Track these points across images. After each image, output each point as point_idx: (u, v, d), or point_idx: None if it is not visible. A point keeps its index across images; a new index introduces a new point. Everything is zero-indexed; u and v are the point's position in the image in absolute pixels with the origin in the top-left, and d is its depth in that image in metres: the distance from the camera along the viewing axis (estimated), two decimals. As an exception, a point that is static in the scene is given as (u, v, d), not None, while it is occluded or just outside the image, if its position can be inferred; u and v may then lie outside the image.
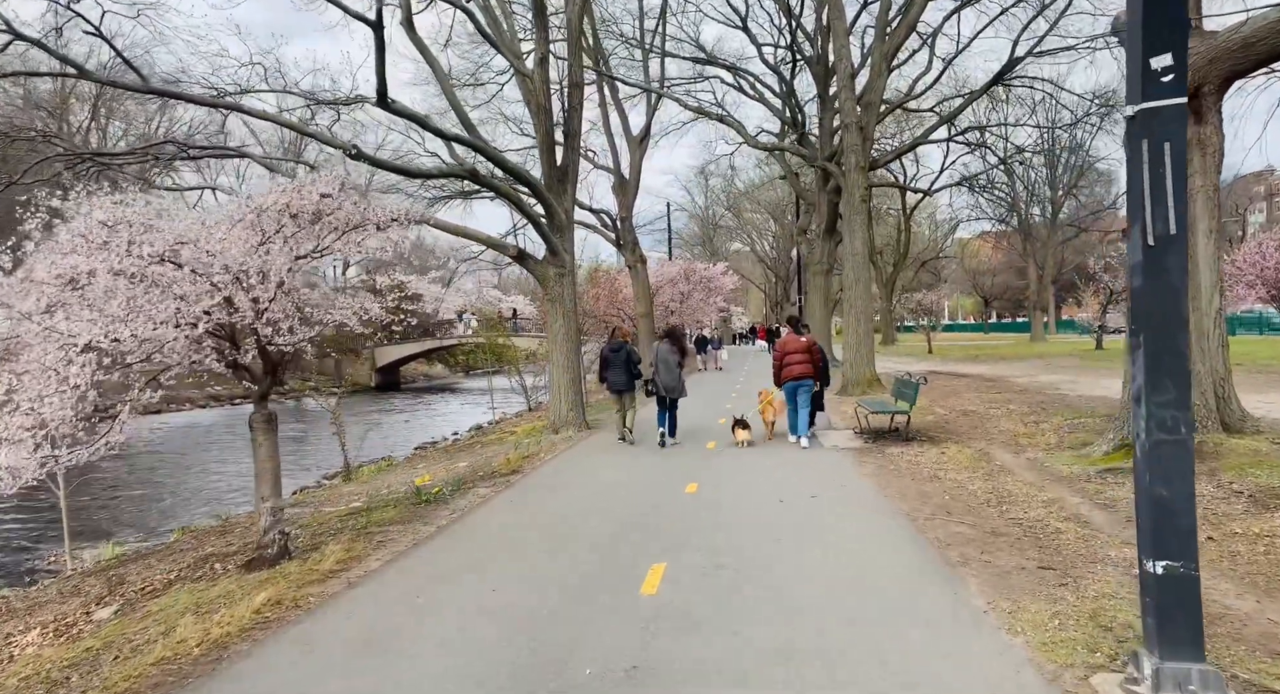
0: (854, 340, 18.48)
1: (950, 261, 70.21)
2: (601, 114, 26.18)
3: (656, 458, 10.55)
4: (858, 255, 18.52)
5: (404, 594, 5.15)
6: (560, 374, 14.15)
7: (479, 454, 13.34)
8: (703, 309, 36.72)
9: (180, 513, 14.60)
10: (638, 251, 25.57)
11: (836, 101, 29.01)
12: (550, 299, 14.05)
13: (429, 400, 44.32)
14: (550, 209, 13.70)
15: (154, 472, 20.68)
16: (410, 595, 5.11)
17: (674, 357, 11.39)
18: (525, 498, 8.23)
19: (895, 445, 10.60)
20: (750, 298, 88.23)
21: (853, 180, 18.44)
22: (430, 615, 4.70)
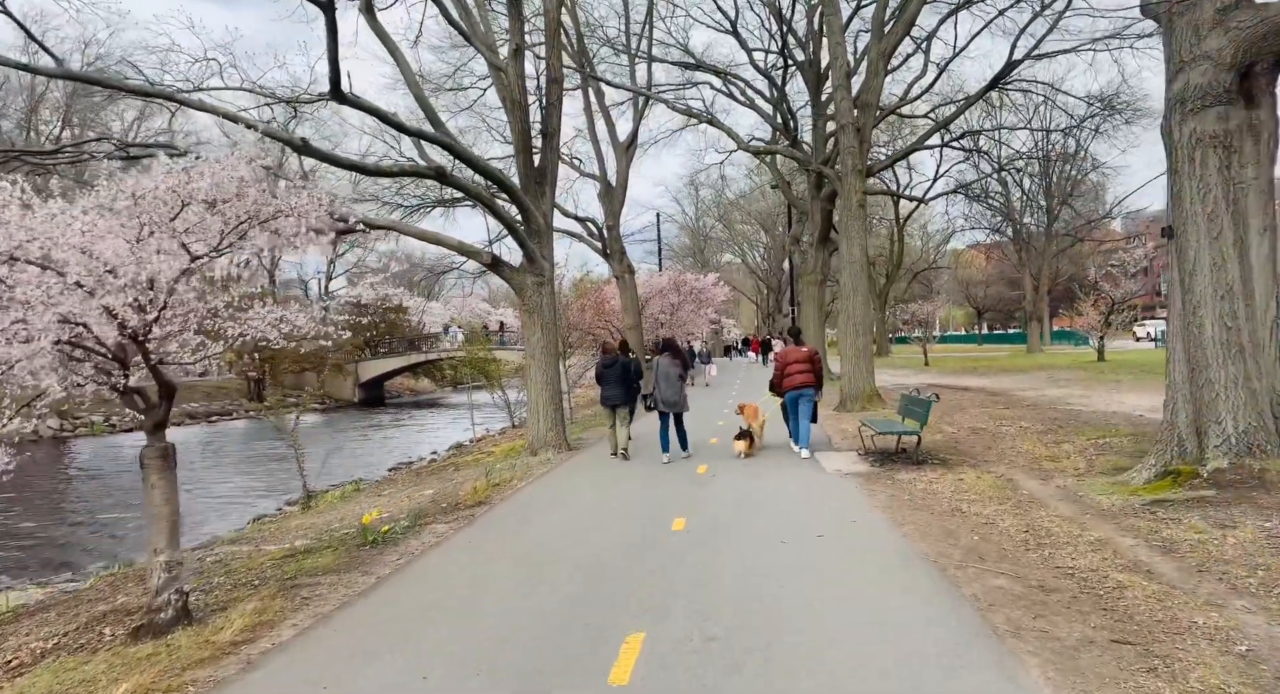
0: (851, 352, 17.48)
1: (942, 272, 69.57)
2: (587, 120, 25.26)
3: (641, 484, 9.49)
4: (855, 263, 17.55)
5: (309, 683, 4.06)
6: (539, 391, 13.07)
7: (449, 479, 12.24)
8: (693, 321, 35.71)
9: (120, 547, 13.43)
10: (625, 261, 24.58)
11: (831, 105, 28.25)
12: (528, 309, 13.00)
13: (413, 416, 43.11)
14: (527, 213, 12.68)
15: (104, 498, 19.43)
16: (316, 686, 4.01)
17: (675, 370, 11.12)
18: (486, 537, 7.14)
19: (906, 470, 9.56)
20: (742, 310, 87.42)
21: (849, 184, 17.49)
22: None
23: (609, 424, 11.87)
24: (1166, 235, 7.88)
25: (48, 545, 13.63)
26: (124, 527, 15.31)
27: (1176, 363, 7.75)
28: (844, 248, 17.80)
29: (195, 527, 14.34)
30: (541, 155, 13.22)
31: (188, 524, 14.83)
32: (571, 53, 23.57)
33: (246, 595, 5.75)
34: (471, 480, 10.95)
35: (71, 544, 13.74)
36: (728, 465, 10.59)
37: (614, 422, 11.64)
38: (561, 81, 13.60)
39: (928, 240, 63.59)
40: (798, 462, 10.70)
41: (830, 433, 13.83)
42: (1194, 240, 7.42)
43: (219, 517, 15.33)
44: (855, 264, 17.53)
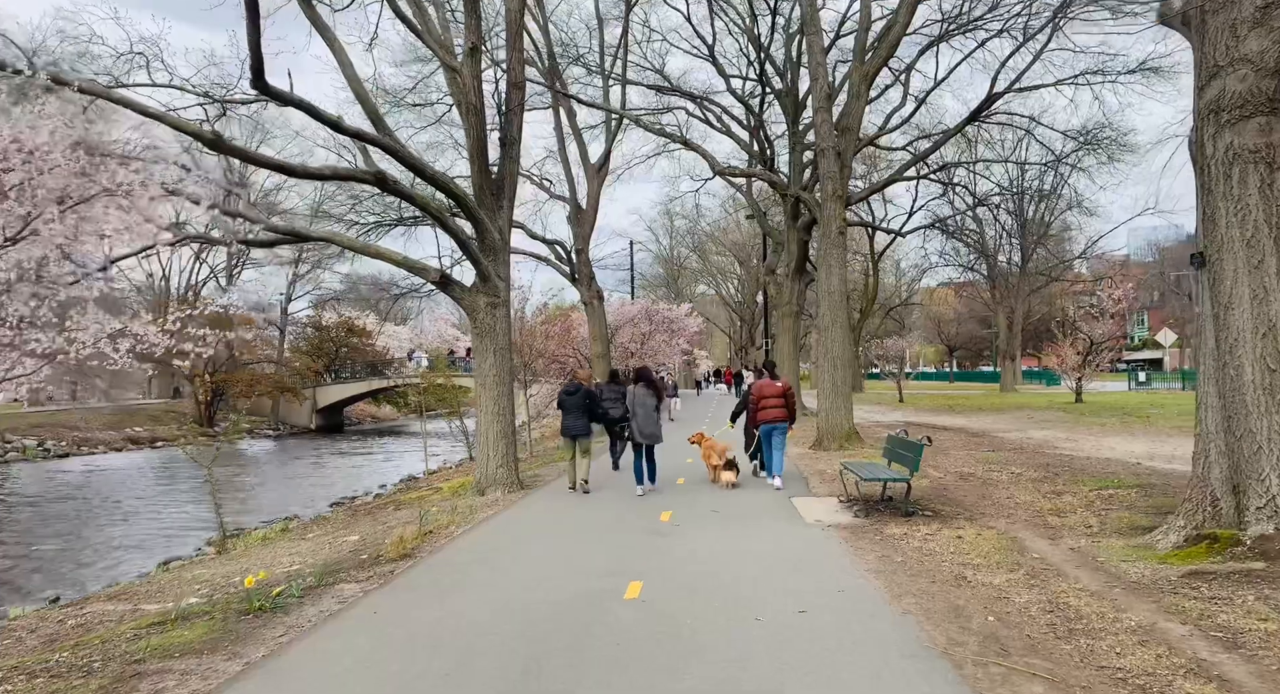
0: (830, 388, 16.46)
1: (914, 309, 69.44)
2: (558, 140, 24.37)
3: (595, 532, 8.27)
4: (834, 294, 16.61)
5: None
6: (489, 422, 11.84)
7: (383, 521, 10.91)
8: (665, 351, 34.70)
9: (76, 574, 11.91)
10: (594, 287, 23.53)
11: (809, 134, 27.64)
12: (479, 332, 11.82)
13: (371, 445, 41.33)
14: (481, 227, 11.56)
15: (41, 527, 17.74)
16: None
17: (651, 400, 11.03)
18: (396, 607, 5.87)
19: (895, 522, 8.45)
20: (715, 341, 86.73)
21: (829, 211, 16.62)
22: None
23: (569, 456, 11.38)
24: (1196, 263, 6.94)
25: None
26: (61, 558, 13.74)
27: (1209, 409, 6.76)
28: (822, 278, 16.87)
29: (98, 569, 12.81)
30: (499, 165, 12.15)
31: (96, 565, 13.30)
32: (542, 69, 22.73)
33: (64, 689, 4.43)
34: (404, 524, 9.66)
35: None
36: (693, 510, 9.42)
37: (574, 453, 11.24)
38: (523, 87, 12.58)
39: (900, 276, 63.51)
40: (772, 508, 9.58)
41: (807, 474, 12.73)
42: (1230, 269, 6.46)
43: (130, 556, 13.81)
44: (834, 295, 16.59)
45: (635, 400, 10.98)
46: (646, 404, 10.96)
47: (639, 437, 10.93)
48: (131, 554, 14.07)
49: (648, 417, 10.91)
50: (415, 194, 10.44)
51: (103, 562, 13.38)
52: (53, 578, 12.21)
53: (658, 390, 11.35)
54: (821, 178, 17.07)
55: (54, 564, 13.43)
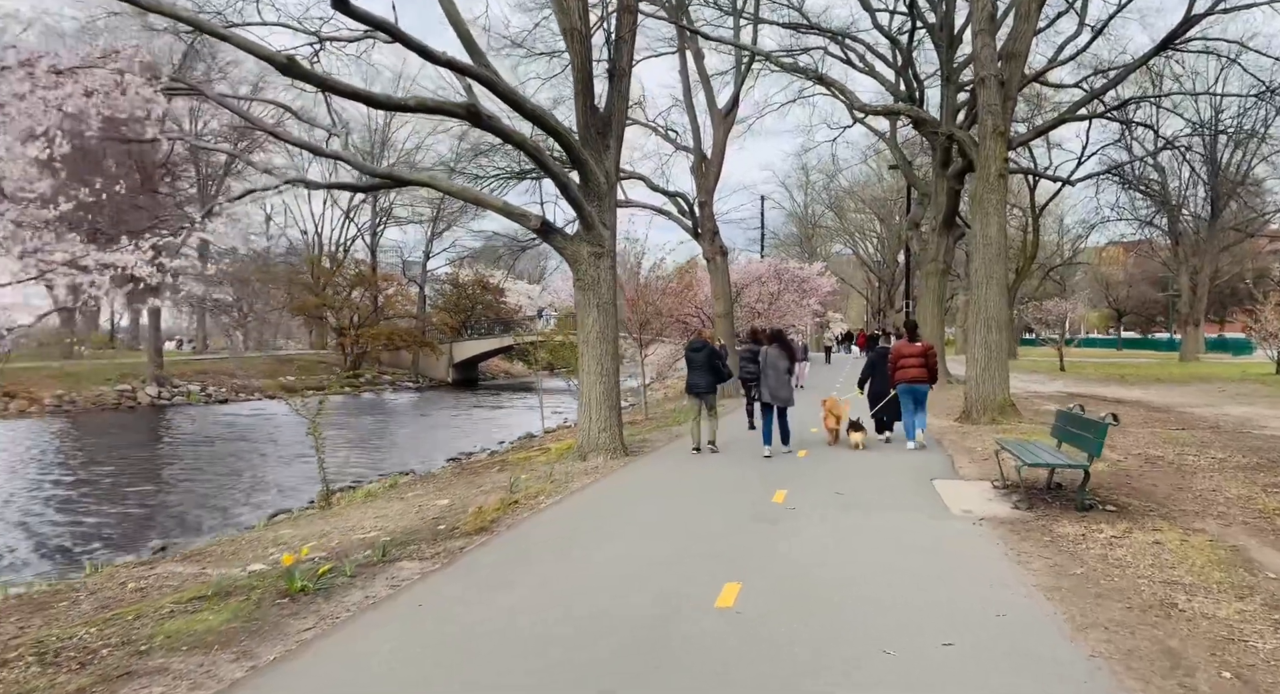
0: (982, 352, 14.46)
1: (1076, 269, 63.16)
2: (683, 85, 22.89)
3: (694, 510, 7.16)
4: (990, 245, 14.48)
5: None
6: (591, 383, 10.92)
7: (478, 485, 10.26)
8: (794, 312, 32.87)
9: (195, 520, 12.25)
10: (717, 242, 22.11)
11: (966, 68, 24.81)
12: (581, 286, 10.85)
13: (500, 400, 42.02)
14: (584, 169, 10.50)
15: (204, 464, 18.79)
16: None
17: (783, 362, 10.70)
18: (445, 599, 5.00)
19: (1068, 518, 6.82)
20: (850, 304, 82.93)
21: (988, 150, 14.43)
22: None
23: (693, 414, 11.30)
24: None
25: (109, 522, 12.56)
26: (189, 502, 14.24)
27: None
28: (977, 228, 14.76)
29: (215, 517, 13.03)
30: (607, 101, 11.00)
31: (216, 512, 13.57)
32: (668, 6, 21.26)
33: (44, 688, 3.80)
34: (495, 490, 8.93)
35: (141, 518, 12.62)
36: (813, 491, 8.13)
37: (698, 413, 11.13)
38: (635, 12, 11.30)
39: (1063, 233, 57.70)
40: (909, 492, 8.13)
41: (952, 451, 11.06)
42: None
43: (251, 502, 14.03)
44: (990, 247, 14.47)
45: (767, 361, 10.68)
46: (778, 366, 10.64)
47: (768, 398, 10.65)
48: (253, 501, 14.32)
49: (779, 378, 10.60)
50: (510, 130, 9.49)
51: (223, 509, 13.64)
52: (171, 524, 12.48)
53: (791, 352, 11.07)
54: (981, 112, 14.84)
55: (180, 508, 13.83)
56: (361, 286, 47.63)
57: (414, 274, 54.69)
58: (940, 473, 9.32)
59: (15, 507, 13.87)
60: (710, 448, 11.05)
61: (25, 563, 10.14)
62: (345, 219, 52.91)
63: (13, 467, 18.65)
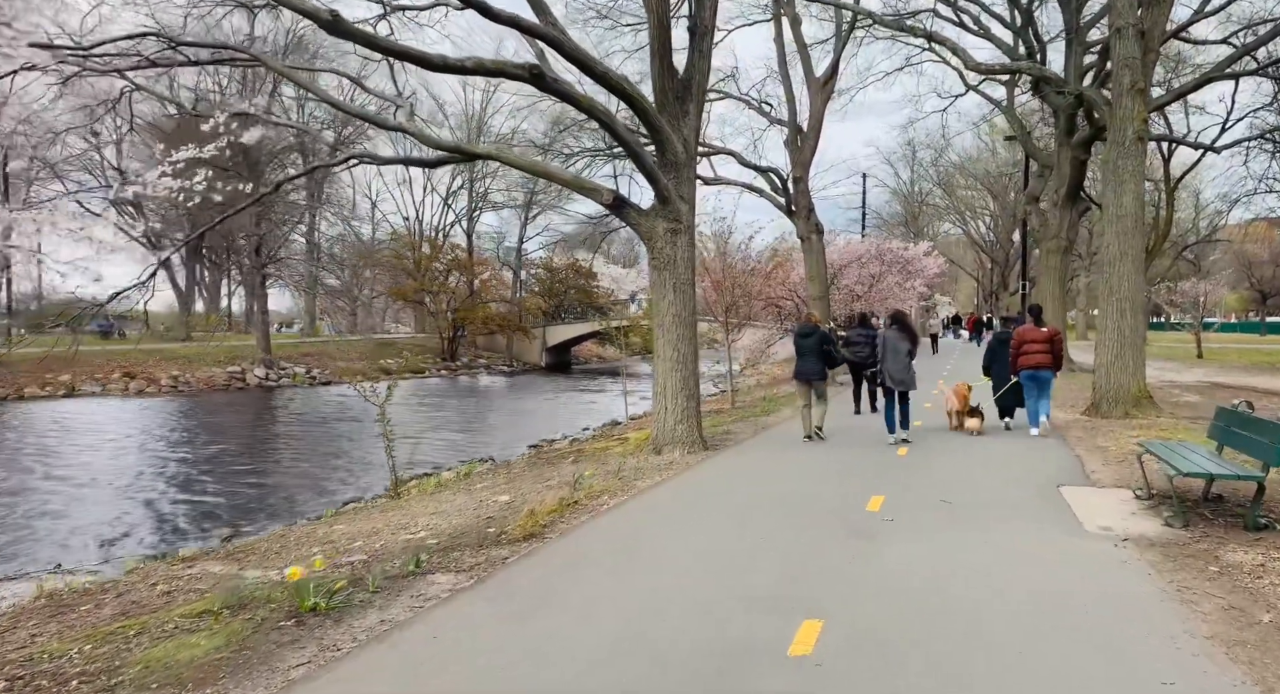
0: (1114, 337, 12.79)
1: (1213, 249, 57.57)
2: (778, 53, 21.68)
3: (769, 527, 6.22)
4: (1125, 217, 12.75)
5: None
6: (667, 371, 10.09)
7: (548, 478, 9.63)
8: (898, 295, 30.95)
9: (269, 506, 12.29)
10: (813, 220, 20.83)
11: (1094, 28, 22.46)
12: (656, 264, 10.01)
13: (590, 384, 41.76)
14: (660, 137, 9.63)
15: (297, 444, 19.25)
16: None
17: (904, 345, 10.43)
18: (464, 630, 4.27)
19: (1236, 542, 5.54)
20: (959, 286, 78.89)
21: (1124, 110, 12.68)
22: None
23: (802, 403, 11.02)
24: None
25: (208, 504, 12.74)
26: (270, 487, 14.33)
27: None
28: (1110, 198, 13.04)
29: (290, 503, 12.94)
30: (688, 62, 10.08)
31: (293, 498, 13.49)
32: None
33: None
34: (560, 485, 8.26)
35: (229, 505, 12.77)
36: (916, 495, 7.06)
37: (808, 399, 10.88)
38: (718, -38, 10.30)
39: (1200, 208, 52.58)
40: (1031, 499, 6.94)
41: (1081, 451, 9.67)
42: None
43: (328, 489, 13.91)
44: (1126, 219, 12.74)
45: (887, 345, 10.44)
46: (899, 349, 10.36)
47: (890, 382, 10.38)
48: (333, 487, 14.23)
49: (900, 362, 10.30)
50: (577, 93, 8.69)
51: (303, 495, 13.57)
52: (251, 510, 12.43)
53: (912, 335, 10.85)
54: (1116, 67, 13.05)
55: (264, 493, 13.87)
56: (458, 271, 48.30)
57: (508, 259, 55.11)
58: (1068, 477, 8.04)
59: (107, 486, 14.22)
60: (818, 435, 10.82)
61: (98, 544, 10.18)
62: (443, 205, 53.84)
63: (119, 444, 19.41)
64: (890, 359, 10.38)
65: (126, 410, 26.66)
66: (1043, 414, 10.93)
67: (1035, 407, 10.94)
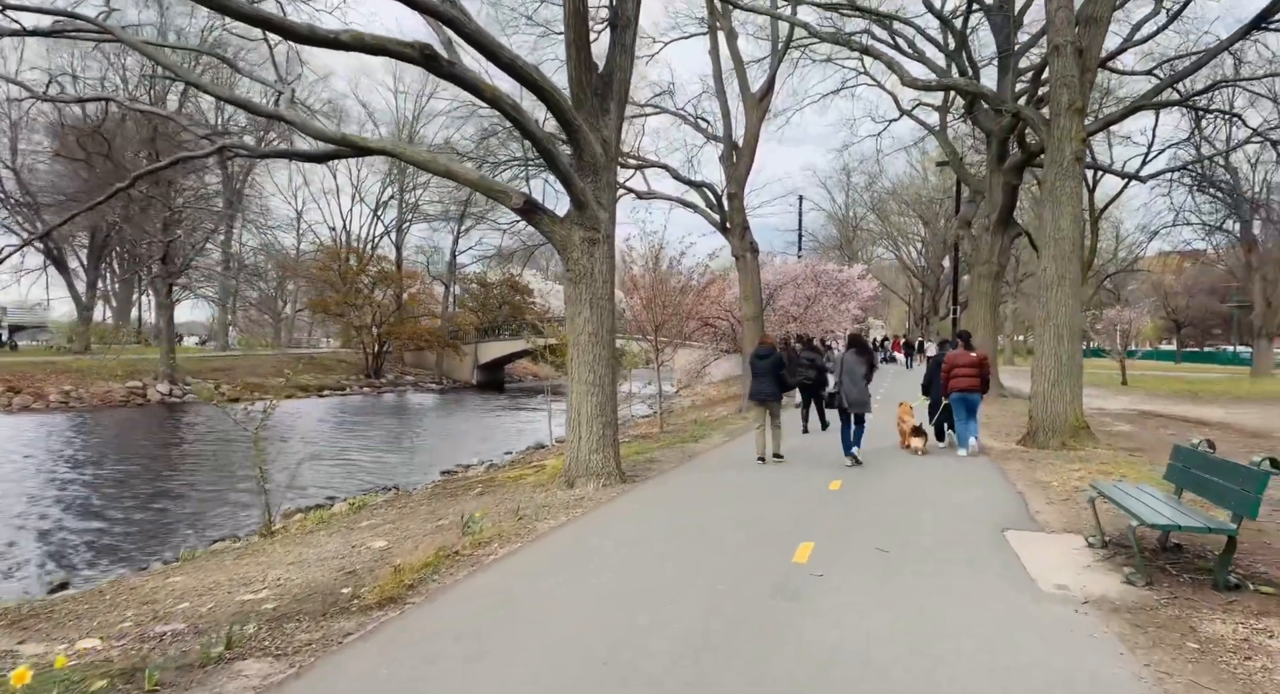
0: (1052, 365, 12.33)
1: (1130, 279, 59.60)
2: (714, 66, 21.10)
3: (676, 586, 5.27)
4: (1063, 240, 12.36)
5: None
6: (582, 396, 9.10)
7: (439, 516, 8.52)
8: (832, 317, 30.68)
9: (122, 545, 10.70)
10: (747, 238, 20.19)
11: (1027, 52, 22.57)
12: (572, 277, 9.05)
13: (522, 404, 40.43)
14: (577, 136, 8.71)
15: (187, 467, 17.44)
16: None
17: (861, 367, 10.59)
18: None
19: (1208, 606, 4.81)
20: (892, 310, 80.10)
21: (1062, 129, 12.33)
22: None
23: (757, 425, 11.05)
24: None
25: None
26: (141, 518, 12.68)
27: None
28: (1048, 220, 12.64)
29: (151, 540, 11.46)
30: (608, 56, 9.21)
31: (157, 533, 11.96)
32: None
33: None
34: (449, 530, 7.18)
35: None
36: (849, 541, 6.21)
37: (763, 421, 10.81)
38: (642, -49, 9.48)
39: (1120, 240, 54.35)
40: (976, 547, 6.15)
41: (1023, 486, 9.01)
42: None
43: (195, 530, 12.33)
44: (1063, 242, 12.35)
45: (845, 367, 10.54)
46: (856, 371, 10.46)
47: (847, 404, 10.37)
48: (211, 520, 12.78)
49: (856, 383, 10.39)
50: (476, 79, 7.68)
51: (171, 530, 12.11)
52: (96, 548, 10.90)
53: (870, 357, 10.92)
54: (1053, 86, 12.71)
55: (129, 525, 12.32)
56: (385, 284, 46.46)
57: (441, 272, 53.42)
58: (1012, 518, 7.32)
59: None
60: (775, 458, 10.69)
61: None
62: (372, 216, 51.95)
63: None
64: (848, 381, 10.42)
65: (1, 427, 24.30)
66: (971, 436, 11.39)
67: (965, 429, 11.40)
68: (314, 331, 68.98)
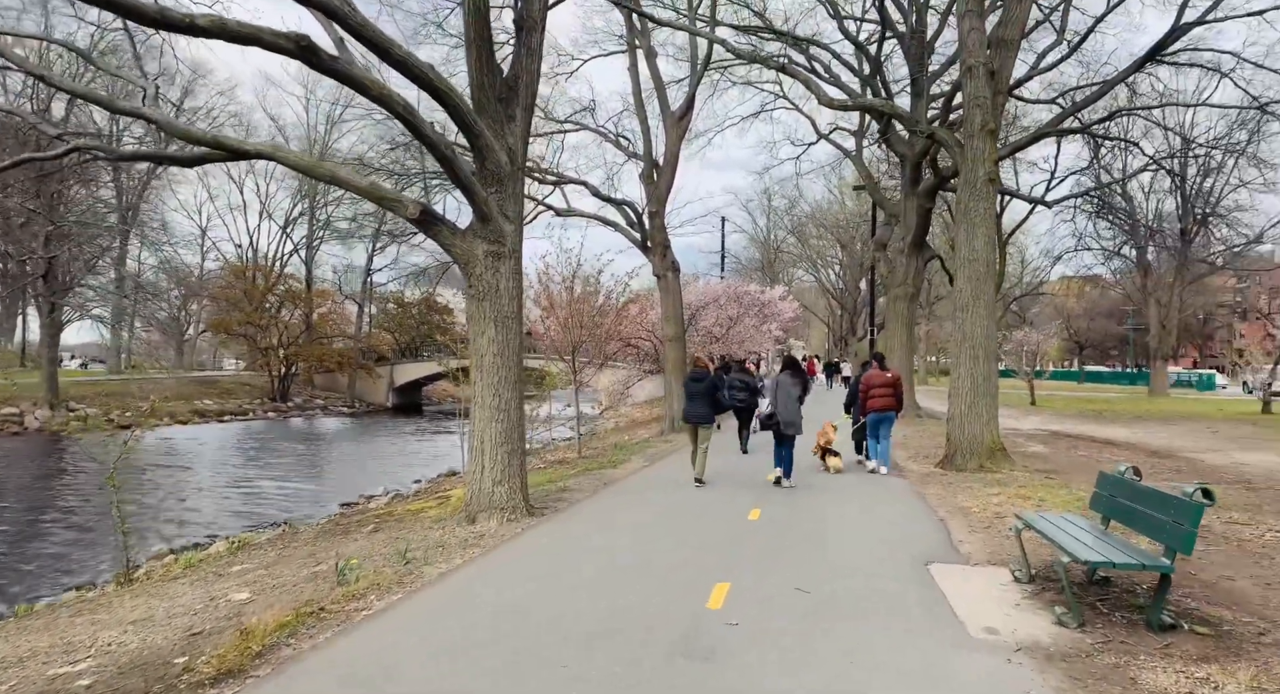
0: (968, 386, 12.24)
1: (1034, 302, 62.35)
2: (633, 83, 20.78)
3: (587, 637, 4.65)
4: (977, 260, 12.37)
5: None
6: (486, 422, 8.40)
7: (318, 561, 7.65)
8: (755, 337, 30.69)
9: None
10: (669, 257, 19.82)
11: (937, 80, 23.10)
12: (475, 294, 8.37)
13: (440, 427, 39.01)
14: (480, 143, 8.09)
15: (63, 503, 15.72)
16: None
17: (795, 389, 10.64)
18: None
19: (1145, 650, 4.46)
20: (812, 331, 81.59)
21: (976, 150, 12.37)
22: None
23: (691, 447, 10.96)
24: None
25: None
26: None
27: None
28: (963, 241, 12.64)
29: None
30: (514, 60, 8.64)
31: (6, 585, 10.66)
32: None
33: None
34: (327, 574, 6.36)
35: None
36: (767, 583, 5.69)
37: (695, 444, 10.77)
38: (550, -50, 8.99)
39: (1025, 264, 56.76)
40: (901, 587, 5.72)
41: (944, 513, 8.72)
42: None
43: (50, 577, 11.01)
44: (977, 262, 12.36)
45: (779, 387, 10.57)
46: (790, 392, 10.52)
47: (780, 425, 10.41)
48: (71, 564, 11.46)
49: (789, 405, 10.44)
50: (364, 77, 6.97)
51: (21, 575, 10.76)
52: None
53: (804, 380, 10.98)
54: (967, 107, 12.80)
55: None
56: (293, 304, 44.39)
57: (354, 292, 51.50)
58: (936, 549, 6.97)
59: None
60: (697, 482, 10.54)
61: None
62: (281, 233, 49.76)
63: None
64: (782, 403, 10.45)
65: None
66: (886, 454, 11.86)
67: (881, 446, 11.78)
68: (219, 354, 65.71)
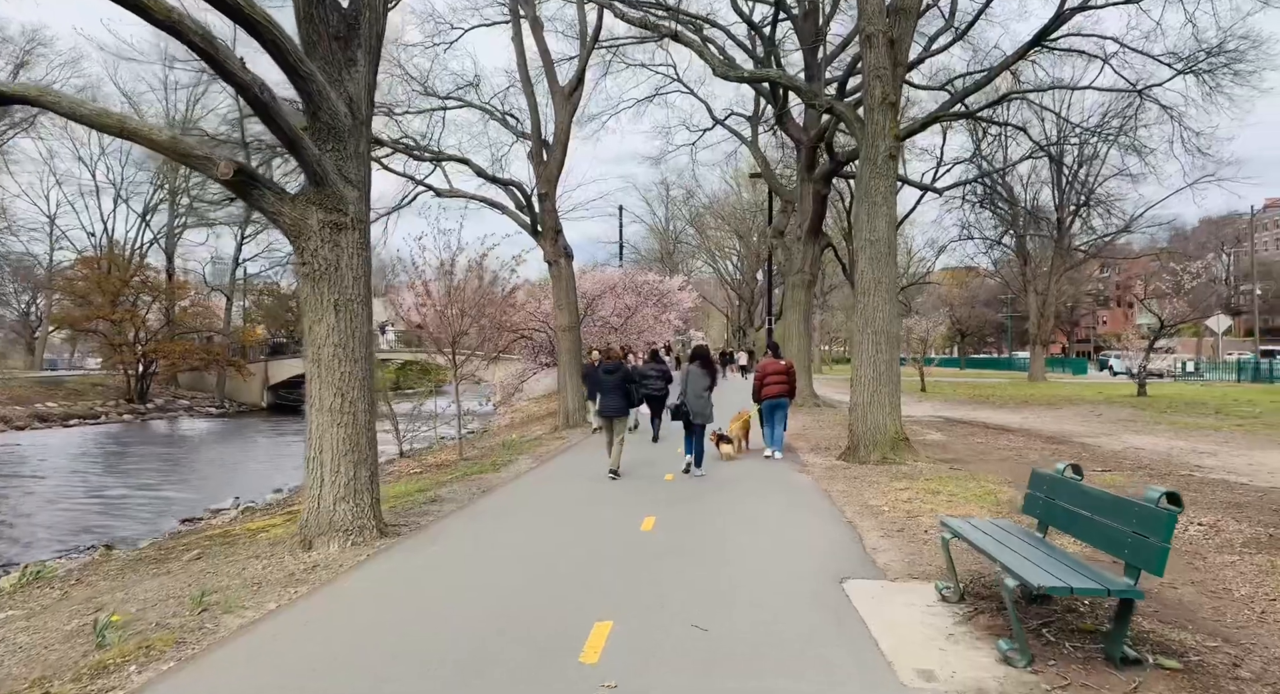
0: (870, 375, 11.61)
1: (919, 291, 64.55)
2: (517, 55, 19.39)
3: None
4: (878, 242, 11.76)
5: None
6: (325, 427, 6.99)
7: (103, 606, 6.10)
8: (654, 328, 29.80)
9: None
10: (560, 242, 18.57)
11: (830, 62, 22.77)
12: (311, 273, 6.95)
13: (319, 427, 36.37)
14: (310, 88, 6.67)
15: None
16: None
17: (705, 380, 10.76)
18: None
19: (1108, 688, 3.67)
20: (711, 322, 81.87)
21: (876, 125, 11.74)
22: None
23: (607, 439, 10.94)
24: None
25: None
26: None
27: None
28: (863, 222, 12.00)
29: None
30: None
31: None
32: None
33: None
34: (80, 636, 4.88)
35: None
36: (660, 616, 4.63)
37: (610, 436, 10.77)
38: None
39: (911, 255, 58.47)
40: (815, 614, 4.76)
41: (853, 514, 7.92)
42: None
43: None
44: (879, 244, 11.74)
45: (689, 378, 10.72)
46: (700, 383, 10.67)
47: (693, 417, 10.59)
48: None
49: (699, 396, 10.61)
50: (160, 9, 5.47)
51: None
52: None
53: (713, 370, 11.09)
54: (866, 79, 12.14)
55: None
56: (150, 295, 40.54)
57: (222, 283, 47.67)
58: (849, 560, 6.10)
59: None
60: (611, 475, 10.39)
61: None
62: (140, 220, 45.43)
63: None
64: (691, 393, 10.57)
65: None
66: (780, 440, 12.16)
67: (776, 432, 12.10)
68: (76, 354, 59.96)
